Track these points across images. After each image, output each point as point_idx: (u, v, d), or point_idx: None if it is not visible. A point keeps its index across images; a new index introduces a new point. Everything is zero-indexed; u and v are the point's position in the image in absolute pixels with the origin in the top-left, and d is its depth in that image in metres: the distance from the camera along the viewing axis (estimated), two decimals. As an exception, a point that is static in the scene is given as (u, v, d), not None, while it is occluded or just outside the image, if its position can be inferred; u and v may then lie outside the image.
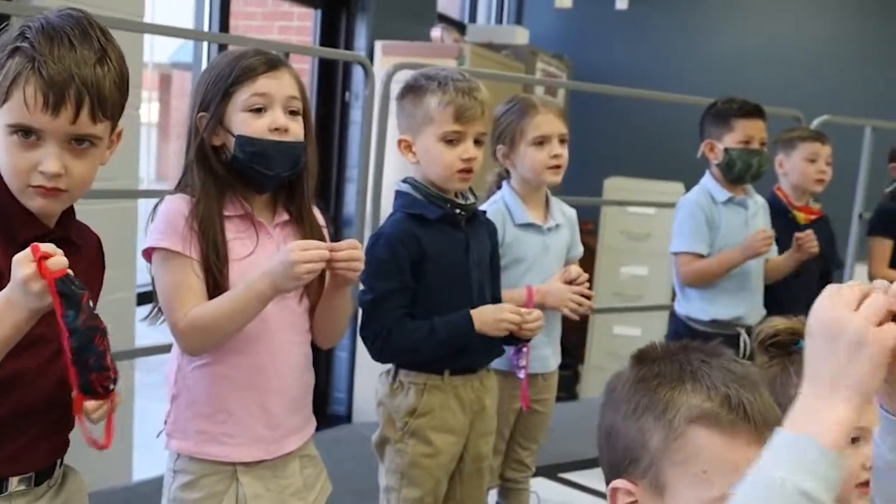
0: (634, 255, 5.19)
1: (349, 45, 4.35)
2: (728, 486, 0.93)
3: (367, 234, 3.04)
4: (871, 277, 3.43)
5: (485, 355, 2.09)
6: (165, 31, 2.80)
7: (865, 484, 1.32)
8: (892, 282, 3.09)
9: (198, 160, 1.64)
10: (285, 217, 1.71)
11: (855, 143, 4.12)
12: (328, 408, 4.41)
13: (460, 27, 5.66)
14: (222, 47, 3.60)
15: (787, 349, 1.41)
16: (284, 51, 2.88)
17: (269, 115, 1.61)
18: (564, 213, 2.50)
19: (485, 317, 1.98)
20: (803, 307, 2.86)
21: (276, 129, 1.61)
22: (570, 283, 2.32)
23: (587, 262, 4.95)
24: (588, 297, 2.34)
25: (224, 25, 3.75)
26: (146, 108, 2.79)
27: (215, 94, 1.61)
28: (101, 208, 2.44)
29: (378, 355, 2.02)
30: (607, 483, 1.04)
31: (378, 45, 4.29)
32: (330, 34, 4.36)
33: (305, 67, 4.34)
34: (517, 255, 2.33)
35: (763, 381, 1.03)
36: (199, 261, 1.59)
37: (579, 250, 2.53)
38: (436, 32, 4.82)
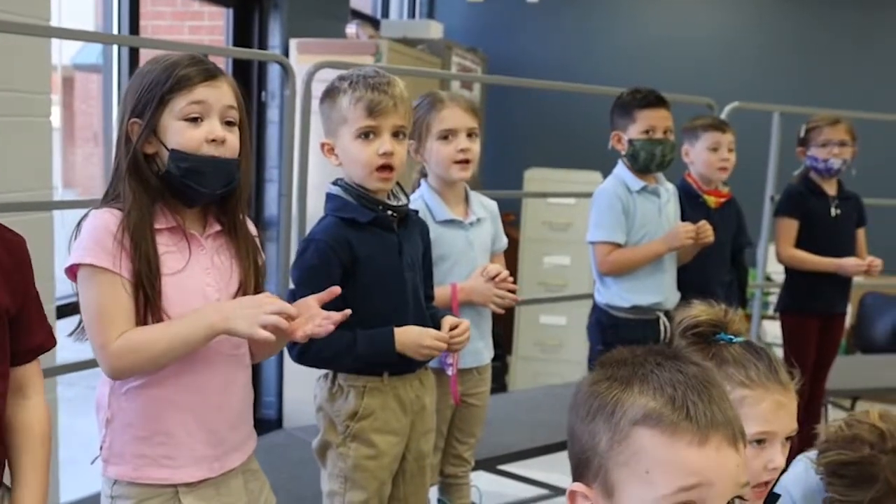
0: (557, 245, 5.22)
1: (263, 44, 4.27)
2: (671, 486, 0.94)
3: (294, 235, 2.99)
4: (779, 256, 3.58)
5: None
6: (75, 35, 2.70)
7: (765, 484, 1.36)
8: (791, 261, 3.15)
9: (130, 169, 1.57)
10: (217, 228, 1.66)
11: (765, 128, 4.24)
12: (258, 412, 4.31)
13: (374, 23, 5.62)
14: (134, 50, 3.53)
15: (707, 339, 1.41)
16: (202, 52, 2.80)
17: (206, 124, 1.56)
18: (485, 206, 2.49)
19: (408, 339, 1.97)
20: (717, 286, 2.88)
21: (213, 141, 1.56)
22: (493, 279, 2.33)
23: (511, 253, 4.93)
24: (511, 291, 2.35)
25: (134, 26, 3.63)
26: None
27: (149, 101, 1.55)
28: (14, 220, 2.35)
29: (297, 359, 1.99)
30: None
31: (293, 42, 4.23)
32: (243, 33, 4.27)
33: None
34: (441, 252, 2.31)
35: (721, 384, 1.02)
36: (130, 278, 1.53)
37: (504, 242, 2.54)
38: (351, 29, 4.78)
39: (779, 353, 4.31)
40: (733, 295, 3.31)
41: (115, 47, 3.54)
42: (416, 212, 2.16)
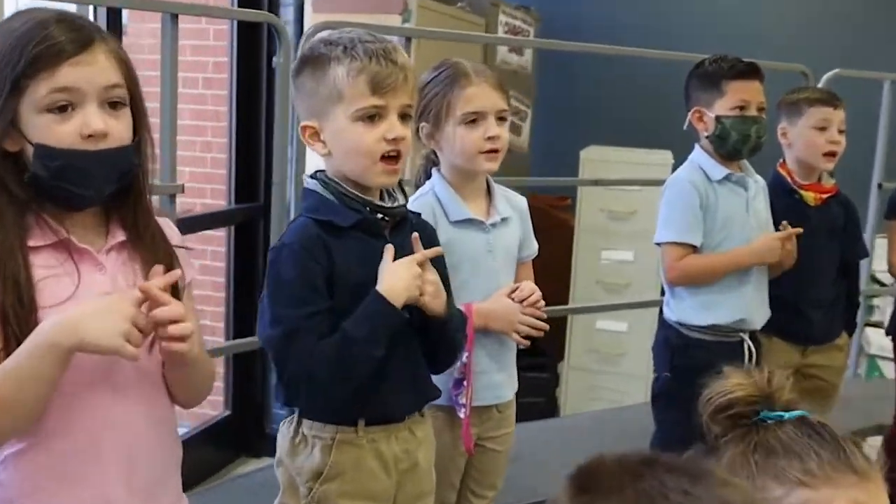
0: (618, 238, 4.77)
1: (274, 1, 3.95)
2: None
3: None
4: (890, 266, 3.22)
5: (411, 399, 1.77)
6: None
7: None
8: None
9: None
10: (122, 237, 1.39)
11: (872, 101, 3.88)
12: (267, 427, 4.03)
13: (409, -23, 5.23)
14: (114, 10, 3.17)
15: (746, 422, 1.13)
16: (183, 12, 2.56)
17: (80, 114, 1.29)
18: (512, 204, 2.20)
19: (394, 282, 1.65)
20: (811, 306, 2.24)
21: (91, 136, 1.29)
22: (521, 301, 2.08)
23: (564, 244, 4.61)
24: (542, 320, 2.11)
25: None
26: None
27: (1, 87, 1.29)
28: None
29: (308, 405, 1.71)
30: None
31: (309, -1, 3.90)
32: (252, -15, 4.00)
33: (224, 28, 4.01)
34: (453, 261, 1.98)
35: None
36: None
37: (534, 248, 2.26)
38: (377, -18, 4.38)
39: (889, 372, 3.84)
40: (837, 317, 2.96)
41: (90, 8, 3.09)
42: (419, 214, 1.89)
